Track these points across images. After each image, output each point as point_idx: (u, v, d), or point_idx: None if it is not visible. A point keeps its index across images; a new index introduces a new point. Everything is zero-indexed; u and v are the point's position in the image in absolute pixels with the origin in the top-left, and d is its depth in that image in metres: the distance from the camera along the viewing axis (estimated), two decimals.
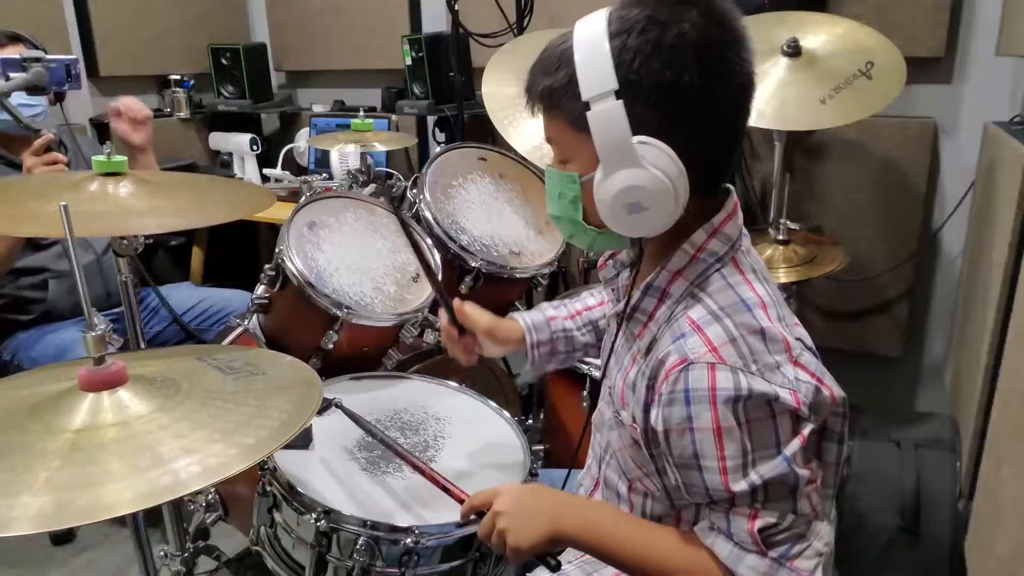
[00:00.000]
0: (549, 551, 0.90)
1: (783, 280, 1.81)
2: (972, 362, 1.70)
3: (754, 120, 1.66)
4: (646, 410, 0.85)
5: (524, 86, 0.89)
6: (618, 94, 0.78)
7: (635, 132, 0.79)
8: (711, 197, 0.88)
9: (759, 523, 0.79)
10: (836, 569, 1.14)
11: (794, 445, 0.78)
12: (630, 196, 0.80)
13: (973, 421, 1.62)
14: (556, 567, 0.91)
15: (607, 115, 0.79)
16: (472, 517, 0.96)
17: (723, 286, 0.84)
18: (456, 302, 1.20)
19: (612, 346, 0.98)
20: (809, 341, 0.87)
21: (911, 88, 2.00)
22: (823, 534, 0.81)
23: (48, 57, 1.52)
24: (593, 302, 1.23)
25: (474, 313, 1.19)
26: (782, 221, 1.91)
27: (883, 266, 2.16)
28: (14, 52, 1.86)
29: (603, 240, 0.91)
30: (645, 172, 0.79)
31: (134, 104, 1.79)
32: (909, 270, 2.16)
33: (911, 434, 1.79)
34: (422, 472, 1.05)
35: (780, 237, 1.91)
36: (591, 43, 0.80)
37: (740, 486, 0.78)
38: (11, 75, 1.50)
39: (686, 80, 0.78)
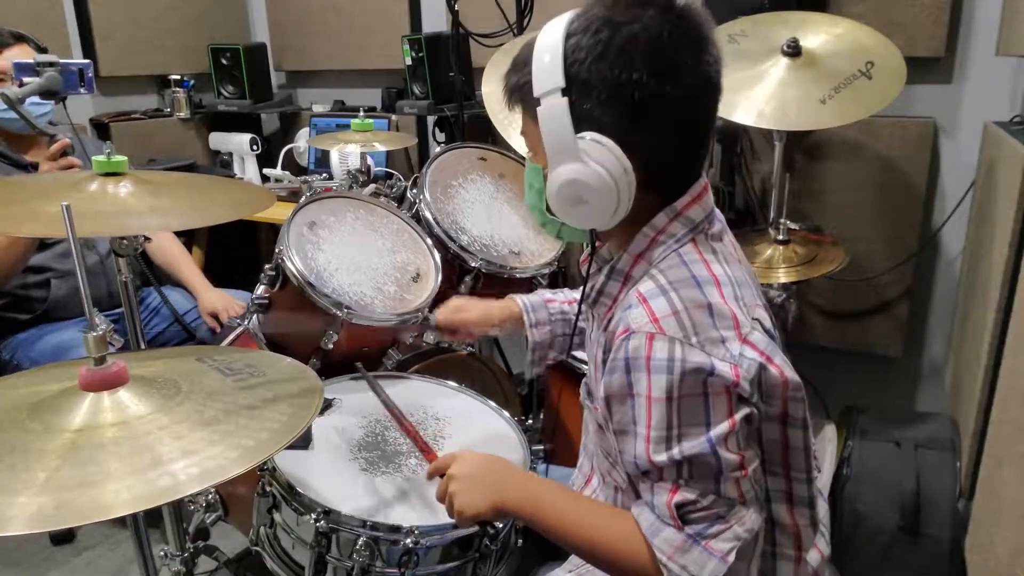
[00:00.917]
0: (490, 520, 0.96)
1: (783, 280, 1.81)
2: (972, 362, 1.70)
3: (754, 120, 1.67)
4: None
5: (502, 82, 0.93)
6: (564, 91, 0.81)
7: (584, 129, 0.81)
8: (673, 188, 0.88)
9: (677, 498, 0.80)
10: (836, 569, 1.14)
11: (722, 427, 0.79)
12: (572, 189, 0.83)
13: (973, 421, 1.62)
14: (494, 536, 1.00)
15: (552, 111, 0.82)
16: (438, 479, 0.99)
17: (676, 263, 0.86)
18: (448, 303, 1.28)
19: (591, 337, 1.01)
20: (768, 324, 0.89)
21: (911, 88, 2.00)
22: (747, 520, 0.81)
23: (62, 61, 1.53)
24: None
25: (463, 311, 1.28)
26: (782, 221, 1.91)
27: (883, 266, 2.16)
28: (19, 52, 1.88)
29: (568, 230, 0.93)
30: (586, 168, 0.81)
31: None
32: (909, 270, 2.16)
33: (911, 434, 1.79)
34: (407, 430, 1.10)
35: (780, 237, 1.91)
36: (548, 43, 0.83)
37: (660, 458, 0.80)
38: (25, 80, 1.51)
39: (635, 79, 0.80)
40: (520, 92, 0.88)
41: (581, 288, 1.25)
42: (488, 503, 0.92)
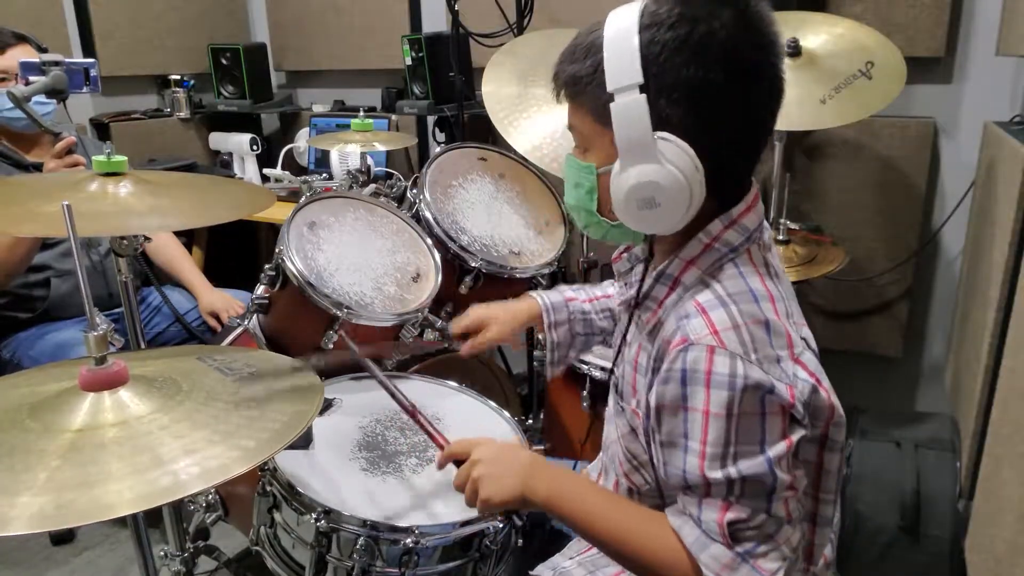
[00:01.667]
0: (516, 509, 0.94)
1: None
2: (972, 362, 1.70)
3: None
4: (649, 389, 0.85)
5: (552, 72, 0.88)
6: (642, 88, 0.78)
7: (656, 128, 0.78)
8: (730, 194, 0.86)
9: (730, 515, 0.78)
10: (836, 569, 1.14)
11: (779, 448, 0.78)
12: (645, 192, 0.80)
13: (973, 421, 1.62)
14: (521, 527, 0.97)
15: (630, 108, 0.78)
16: (450, 466, 0.97)
17: (734, 274, 0.83)
18: (456, 323, 1.30)
19: (624, 335, 0.99)
20: (813, 343, 0.87)
21: (911, 88, 2.00)
22: (792, 539, 0.80)
23: (67, 61, 1.54)
24: (612, 291, 1.23)
25: (485, 331, 1.27)
26: (782, 221, 1.91)
27: (883, 266, 2.16)
28: (21, 52, 1.89)
29: (616, 232, 0.90)
30: (662, 169, 0.79)
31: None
32: (909, 270, 2.16)
33: (911, 434, 1.79)
34: (411, 414, 1.05)
35: (780, 237, 1.91)
36: (621, 35, 0.79)
37: (716, 475, 0.78)
38: (31, 79, 1.51)
39: (711, 79, 0.77)
40: (579, 84, 0.84)
41: (603, 285, 1.25)
42: (517, 490, 0.89)
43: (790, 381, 0.78)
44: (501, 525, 1.07)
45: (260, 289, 1.47)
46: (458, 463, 0.95)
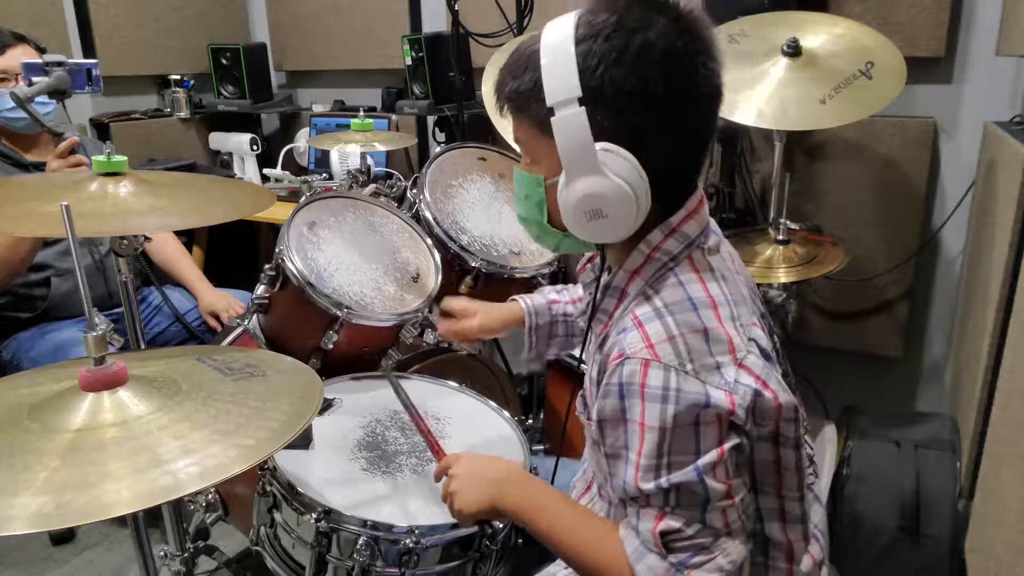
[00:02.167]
0: (489, 519, 0.98)
1: (783, 280, 1.81)
2: (972, 362, 1.70)
3: (754, 120, 1.67)
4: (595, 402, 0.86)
5: (494, 85, 0.89)
6: (581, 101, 0.78)
7: (598, 139, 0.79)
8: (677, 200, 0.87)
9: (662, 525, 0.79)
10: (836, 569, 1.14)
11: (710, 456, 0.78)
12: (591, 203, 0.81)
13: (973, 421, 1.62)
14: (492, 535, 1.02)
15: (570, 122, 0.79)
16: (444, 478, 1.01)
17: (673, 283, 0.84)
18: (446, 302, 1.32)
19: (584, 347, 1.00)
20: (765, 343, 0.87)
21: (911, 88, 1.99)
22: (731, 552, 0.80)
23: (70, 61, 1.56)
24: None
25: (463, 320, 1.30)
26: (782, 221, 1.91)
27: (883, 266, 2.16)
28: (20, 52, 1.90)
29: (569, 242, 0.91)
30: (607, 180, 0.80)
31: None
32: (909, 270, 2.16)
33: (911, 434, 1.79)
34: (418, 425, 1.12)
35: (780, 237, 1.91)
36: (557, 47, 0.79)
37: (648, 485, 0.79)
38: (34, 80, 1.53)
39: (650, 89, 0.78)
40: (520, 99, 0.85)
41: (585, 297, 1.26)
42: (487, 502, 0.93)
43: (730, 388, 0.78)
44: (500, 525, 1.07)
45: (260, 289, 1.47)
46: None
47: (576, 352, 1.58)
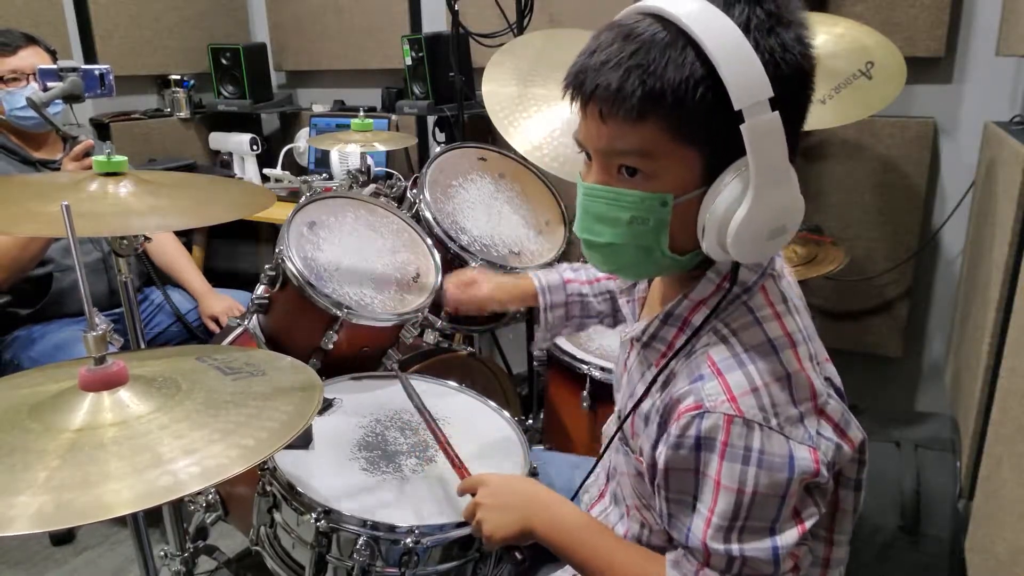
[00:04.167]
0: (519, 544, 0.95)
1: None
2: (972, 362, 1.70)
3: None
4: (654, 447, 0.81)
5: (588, 84, 0.73)
6: (773, 102, 0.67)
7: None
8: None
9: None
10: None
11: (790, 536, 0.73)
12: (781, 219, 0.72)
13: (973, 421, 1.62)
14: (521, 563, 0.98)
15: (765, 127, 0.68)
16: (452, 473, 1.04)
17: (749, 322, 0.77)
18: (462, 274, 1.32)
19: (625, 364, 0.95)
20: (838, 380, 0.82)
21: (911, 88, 2.00)
22: None
23: (83, 67, 1.60)
24: None
25: (473, 287, 1.28)
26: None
27: (883, 266, 2.16)
28: (31, 53, 1.96)
29: (672, 267, 0.80)
30: (794, 192, 0.72)
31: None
32: (909, 270, 2.16)
33: (911, 434, 1.79)
34: (440, 443, 1.10)
35: None
36: (727, 37, 0.67)
37: (717, 546, 0.74)
38: (49, 85, 1.58)
39: (806, 89, 0.73)
40: (658, 101, 0.69)
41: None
42: (516, 528, 0.92)
43: (813, 443, 0.73)
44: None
45: (260, 289, 1.47)
46: (473, 494, 0.99)
47: (577, 353, 1.59)
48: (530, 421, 1.81)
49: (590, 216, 0.78)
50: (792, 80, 0.70)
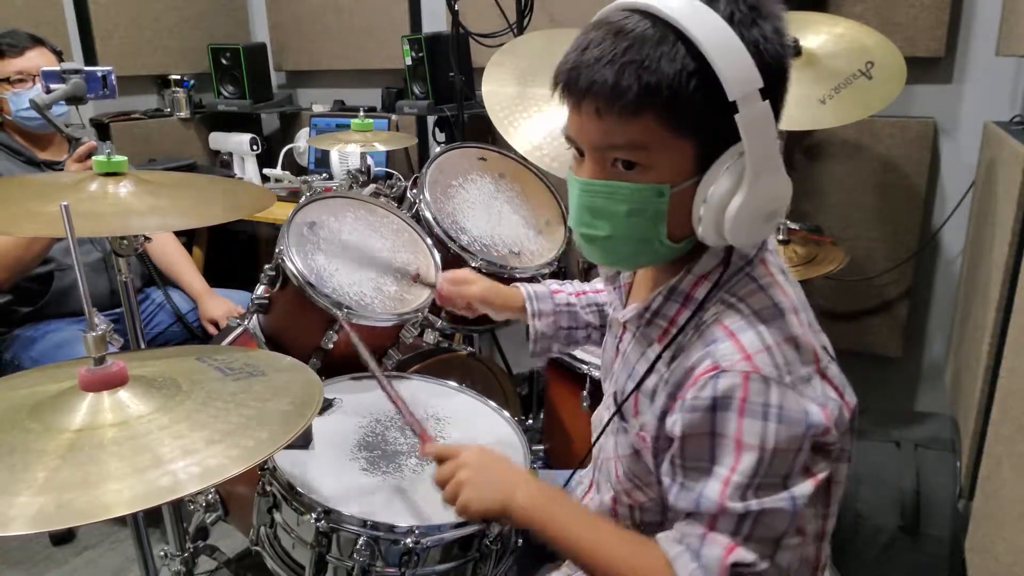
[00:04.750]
0: (495, 519, 0.91)
1: None
2: (972, 362, 1.70)
3: None
4: (661, 418, 0.80)
5: (582, 80, 0.74)
6: (763, 92, 0.71)
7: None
8: None
9: (735, 556, 0.73)
10: (836, 569, 1.14)
11: (805, 487, 0.74)
12: (774, 203, 0.75)
13: (973, 421, 1.62)
14: (491, 537, 0.96)
15: (757, 116, 0.71)
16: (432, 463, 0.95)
17: (754, 289, 0.79)
18: (456, 273, 1.29)
19: (617, 348, 0.95)
20: (832, 349, 0.83)
21: (911, 88, 2.00)
22: None
23: (86, 69, 1.61)
24: (601, 287, 1.22)
25: (466, 285, 1.26)
26: (782, 221, 1.91)
27: (883, 266, 2.16)
28: (37, 54, 1.98)
29: (668, 254, 0.82)
30: (784, 176, 0.75)
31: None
32: (909, 270, 2.16)
33: (911, 434, 1.79)
34: (395, 404, 1.02)
35: (780, 237, 1.91)
36: (716, 30, 0.70)
37: (735, 505, 0.73)
38: (52, 87, 1.59)
39: (786, 76, 0.76)
40: (652, 95, 0.71)
41: (592, 281, 1.23)
42: (499, 501, 0.87)
43: (823, 402, 0.75)
44: (498, 528, 1.07)
45: (260, 289, 1.47)
46: (443, 462, 0.93)
47: (577, 353, 1.59)
48: (530, 421, 1.81)
49: (587, 211, 0.80)
50: (774, 70, 0.73)
